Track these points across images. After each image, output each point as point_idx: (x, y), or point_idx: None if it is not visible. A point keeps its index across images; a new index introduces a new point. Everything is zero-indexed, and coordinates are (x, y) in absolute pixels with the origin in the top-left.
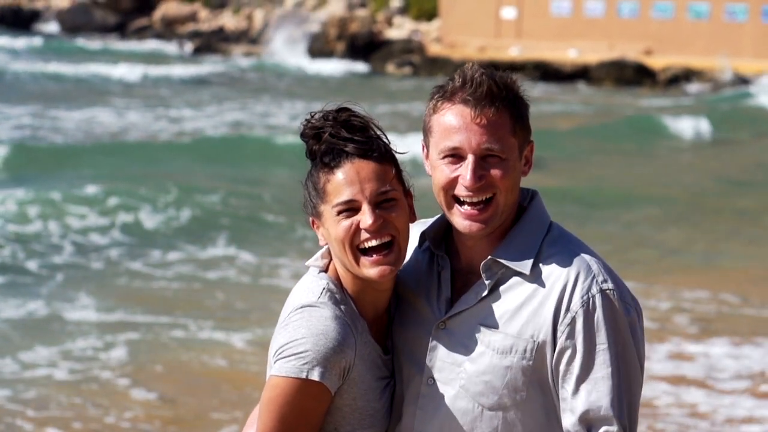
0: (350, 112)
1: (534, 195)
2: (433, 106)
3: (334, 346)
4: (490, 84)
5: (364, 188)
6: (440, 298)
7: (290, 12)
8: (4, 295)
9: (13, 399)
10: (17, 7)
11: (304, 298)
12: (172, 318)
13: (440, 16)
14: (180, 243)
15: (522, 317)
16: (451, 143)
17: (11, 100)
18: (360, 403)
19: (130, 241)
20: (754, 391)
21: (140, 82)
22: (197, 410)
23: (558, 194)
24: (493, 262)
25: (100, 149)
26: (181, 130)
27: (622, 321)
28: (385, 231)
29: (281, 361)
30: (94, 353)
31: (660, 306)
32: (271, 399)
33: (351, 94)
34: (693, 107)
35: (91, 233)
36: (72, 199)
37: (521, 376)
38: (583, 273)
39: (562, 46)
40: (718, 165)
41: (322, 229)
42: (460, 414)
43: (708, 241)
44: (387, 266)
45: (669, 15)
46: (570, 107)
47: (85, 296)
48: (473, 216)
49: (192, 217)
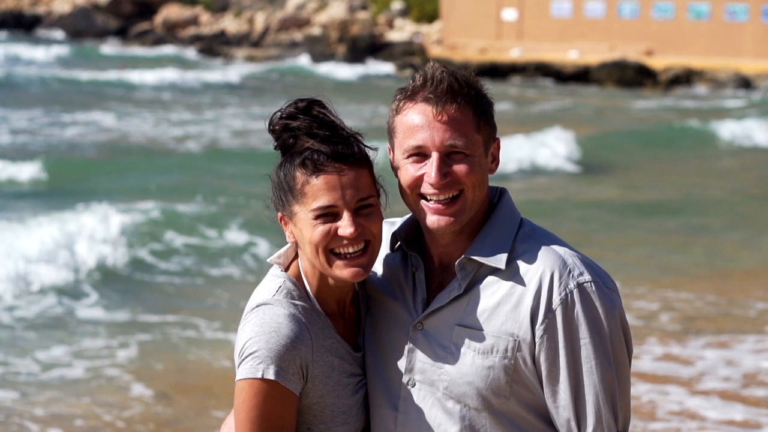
0: (320, 108)
1: (503, 192)
2: (396, 107)
3: (286, 344)
4: (450, 81)
5: (345, 194)
6: (416, 299)
7: (291, 15)
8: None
9: (23, 399)
10: (19, 12)
11: (260, 296)
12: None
13: (441, 18)
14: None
15: (501, 315)
16: (414, 142)
17: (48, 107)
18: (329, 400)
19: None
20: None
21: (177, 86)
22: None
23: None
24: (468, 261)
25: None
26: (246, 140)
27: (603, 312)
28: (362, 237)
29: (241, 365)
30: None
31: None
32: (239, 405)
33: (379, 97)
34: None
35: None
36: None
37: (504, 375)
38: (558, 268)
39: (563, 47)
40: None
41: (293, 228)
42: (445, 415)
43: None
44: (360, 268)
45: (670, 15)
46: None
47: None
48: (441, 211)
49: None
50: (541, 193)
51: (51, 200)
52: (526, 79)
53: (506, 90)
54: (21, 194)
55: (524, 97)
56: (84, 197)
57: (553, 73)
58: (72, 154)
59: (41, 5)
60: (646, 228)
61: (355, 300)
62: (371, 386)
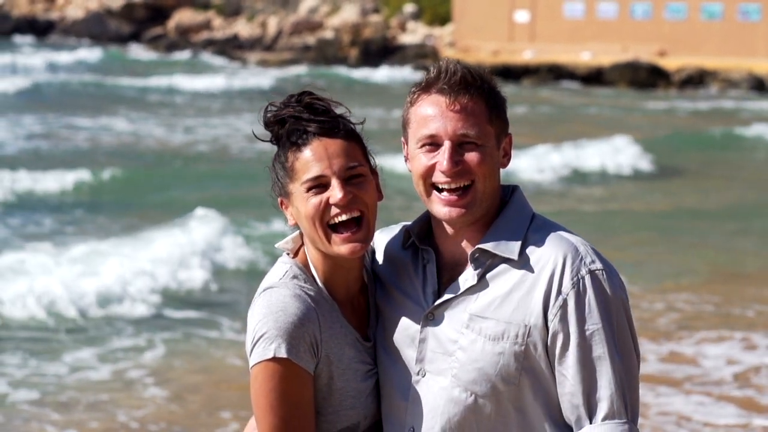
0: (312, 96)
1: (515, 189)
2: (411, 100)
3: (294, 321)
4: (464, 73)
5: (333, 163)
6: (427, 291)
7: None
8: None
9: (38, 401)
10: (33, 18)
11: (267, 282)
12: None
13: (453, 20)
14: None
15: (512, 302)
16: (427, 131)
17: (97, 114)
18: (339, 384)
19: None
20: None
21: (225, 93)
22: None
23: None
24: (481, 252)
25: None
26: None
27: (613, 300)
28: (355, 206)
29: (253, 350)
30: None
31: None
32: (256, 391)
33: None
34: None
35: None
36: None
37: (513, 361)
38: (570, 255)
39: (576, 49)
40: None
41: (292, 209)
42: (453, 404)
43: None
44: (357, 243)
45: (682, 16)
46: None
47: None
48: (453, 201)
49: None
50: (619, 201)
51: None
52: (539, 80)
53: (555, 96)
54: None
55: (561, 100)
56: (159, 206)
57: (566, 74)
58: (142, 162)
59: (55, 10)
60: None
61: (364, 291)
62: (382, 378)
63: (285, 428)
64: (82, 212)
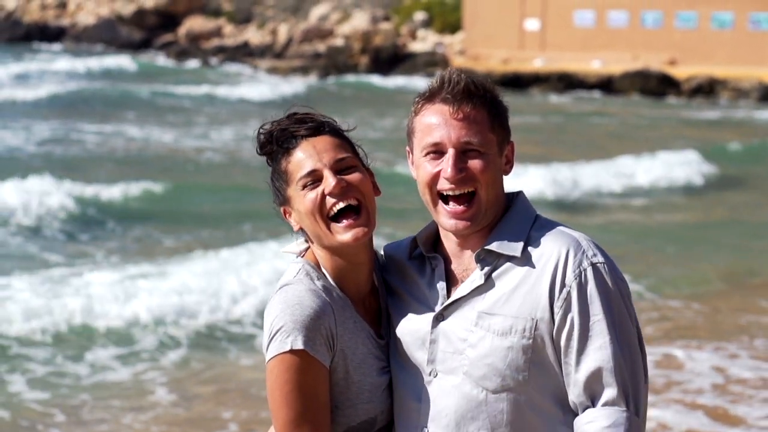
0: (298, 112)
1: (518, 193)
2: (415, 109)
3: (310, 314)
4: (467, 83)
5: (322, 157)
6: (436, 295)
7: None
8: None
9: (47, 401)
10: (44, 24)
11: (282, 281)
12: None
13: (464, 28)
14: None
15: (518, 298)
16: (431, 139)
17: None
18: (355, 377)
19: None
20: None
21: (270, 101)
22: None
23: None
24: (486, 253)
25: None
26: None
27: (615, 292)
28: (350, 194)
29: (270, 345)
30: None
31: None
32: (272, 384)
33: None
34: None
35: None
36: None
37: (522, 355)
38: (573, 249)
39: (586, 57)
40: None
41: (294, 213)
42: (465, 401)
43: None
44: (359, 228)
45: (692, 25)
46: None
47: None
48: (458, 213)
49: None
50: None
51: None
52: (549, 89)
53: (568, 104)
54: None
55: (604, 110)
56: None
57: (577, 82)
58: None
59: (66, 17)
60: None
61: (375, 294)
62: (395, 381)
63: (300, 421)
64: (140, 226)
